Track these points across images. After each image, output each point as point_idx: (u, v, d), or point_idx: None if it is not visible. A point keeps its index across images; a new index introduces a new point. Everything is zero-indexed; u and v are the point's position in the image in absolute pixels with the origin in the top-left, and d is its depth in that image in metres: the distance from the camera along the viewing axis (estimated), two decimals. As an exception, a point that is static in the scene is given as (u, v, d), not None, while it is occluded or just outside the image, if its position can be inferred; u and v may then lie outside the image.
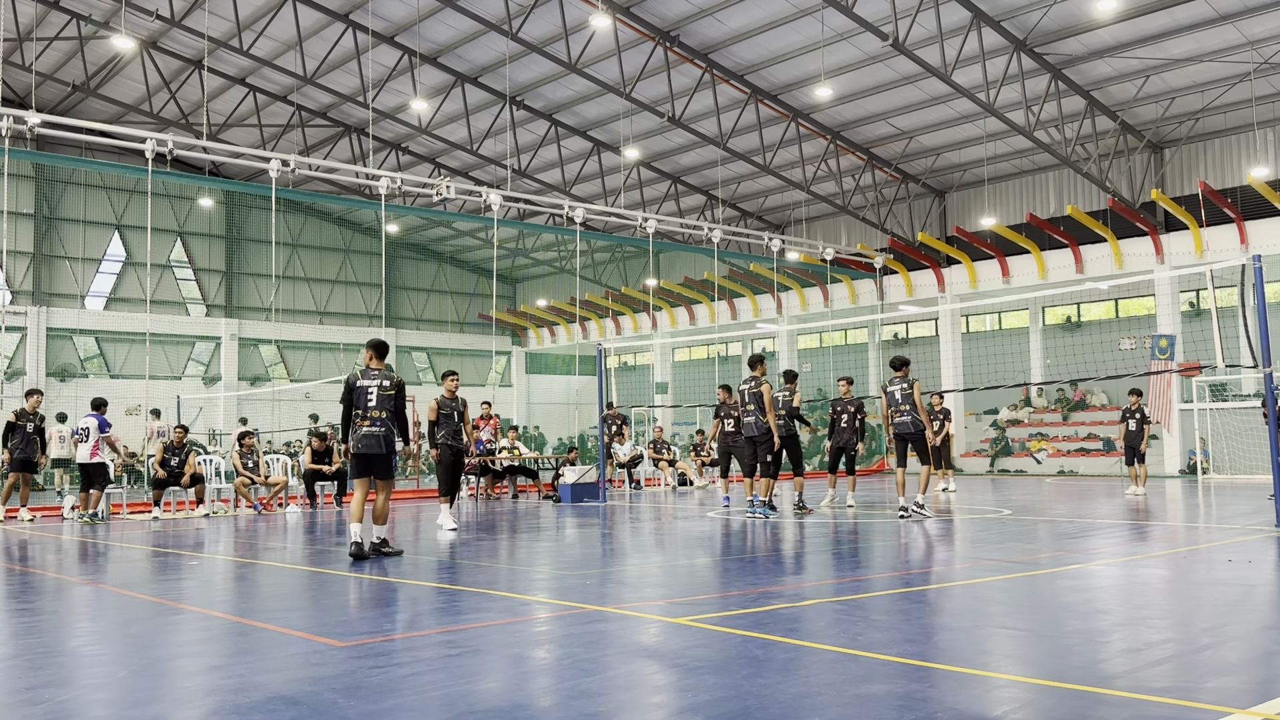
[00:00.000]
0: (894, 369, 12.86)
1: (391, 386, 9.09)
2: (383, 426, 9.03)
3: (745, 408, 12.87)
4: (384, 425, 9.03)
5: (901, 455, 12.83)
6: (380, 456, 9.08)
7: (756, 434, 12.74)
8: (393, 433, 9.09)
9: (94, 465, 14.39)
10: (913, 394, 12.52)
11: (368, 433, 9.02)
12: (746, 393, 12.87)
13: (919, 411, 12.47)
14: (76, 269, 33.61)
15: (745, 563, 8.76)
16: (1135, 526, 11.34)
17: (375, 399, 9.03)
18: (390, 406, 9.05)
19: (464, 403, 12.11)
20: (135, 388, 31.43)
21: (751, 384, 12.83)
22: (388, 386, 9.07)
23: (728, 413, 15.12)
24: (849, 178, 29.18)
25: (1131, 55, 21.89)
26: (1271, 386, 10.76)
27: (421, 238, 39.72)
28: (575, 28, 22.70)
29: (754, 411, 12.72)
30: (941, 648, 4.97)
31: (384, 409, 9.03)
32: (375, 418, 9.02)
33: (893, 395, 12.66)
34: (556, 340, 40.80)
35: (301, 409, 32.33)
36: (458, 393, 12.09)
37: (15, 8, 24.25)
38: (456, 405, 11.91)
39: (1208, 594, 6.57)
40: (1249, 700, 3.86)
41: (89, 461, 14.36)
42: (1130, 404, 16.90)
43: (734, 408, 15.38)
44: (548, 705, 4.01)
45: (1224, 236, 23.95)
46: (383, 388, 9.06)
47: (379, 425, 9.03)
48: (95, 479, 14.45)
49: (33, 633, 5.94)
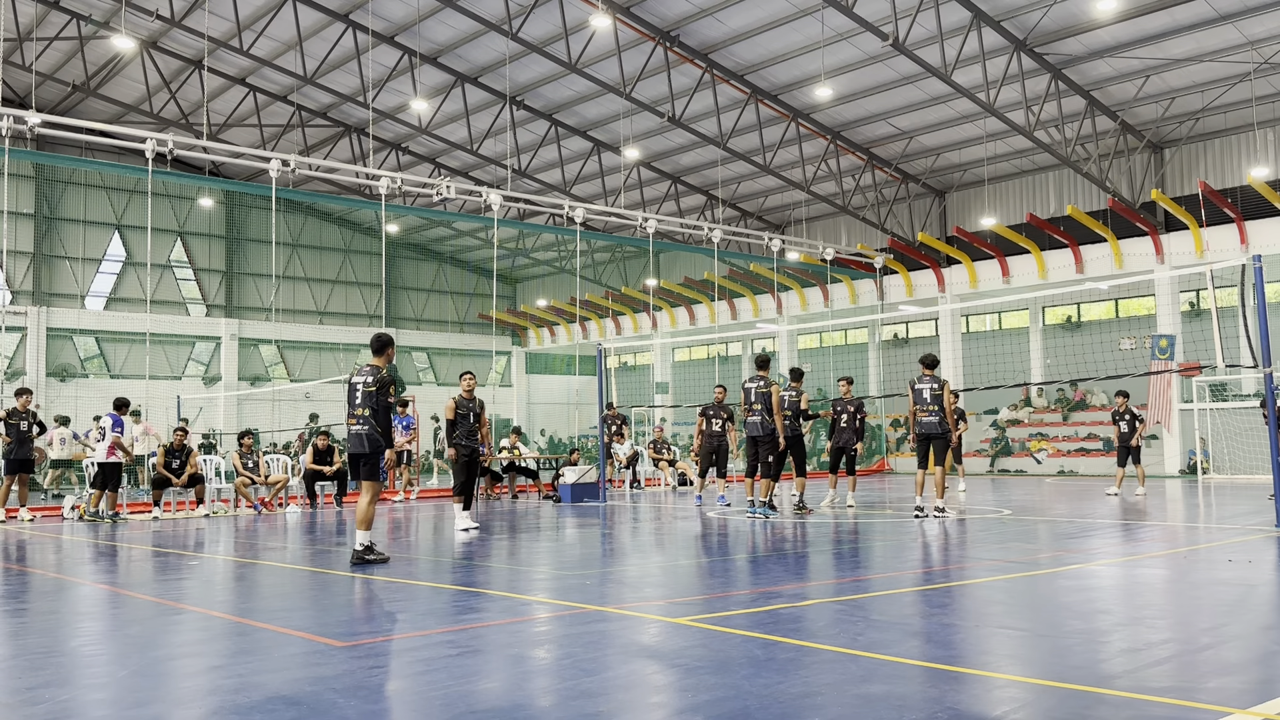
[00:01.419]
0: (925, 367, 12.58)
1: (374, 383, 8.81)
2: (366, 425, 8.77)
3: (752, 406, 12.66)
4: (367, 424, 8.77)
5: (923, 455, 12.57)
6: (364, 455, 8.80)
7: (761, 434, 12.62)
8: (377, 432, 8.78)
9: (109, 465, 14.40)
10: (942, 394, 12.30)
11: (353, 431, 8.86)
12: (754, 391, 12.69)
13: (946, 413, 12.28)
14: (76, 269, 33.61)
15: (745, 563, 8.75)
16: (1135, 527, 11.34)
17: (360, 396, 8.82)
18: (373, 404, 8.78)
19: (481, 404, 12.01)
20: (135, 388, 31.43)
21: (760, 384, 12.69)
22: (370, 384, 8.80)
23: (715, 413, 15.27)
24: (849, 178, 29.18)
25: (1131, 55, 21.89)
26: (1271, 386, 10.75)
27: (421, 238, 39.73)
28: (575, 28, 22.70)
29: (760, 411, 12.58)
30: (941, 648, 4.97)
31: (367, 407, 8.78)
32: (360, 415, 8.79)
33: (920, 393, 12.40)
34: (556, 340, 40.80)
35: (301, 409, 32.36)
36: (475, 393, 12.03)
37: (15, 8, 24.25)
38: (473, 405, 11.83)
39: (1208, 594, 6.57)
40: (1249, 700, 3.86)
41: (105, 461, 14.37)
42: (1118, 405, 16.79)
43: (722, 408, 15.45)
44: (548, 705, 4.01)
45: (1224, 236, 23.95)
46: (366, 384, 8.81)
47: (363, 424, 8.78)
48: (109, 478, 14.45)
49: (33, 633, 5.94)
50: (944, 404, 12.29)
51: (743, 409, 12.99)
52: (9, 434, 14.54)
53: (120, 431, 14.50)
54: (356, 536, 8.71)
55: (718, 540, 10.59)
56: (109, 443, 14.34)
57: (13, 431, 14.56)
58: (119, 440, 14.46)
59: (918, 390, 12.46)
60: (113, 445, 14.32)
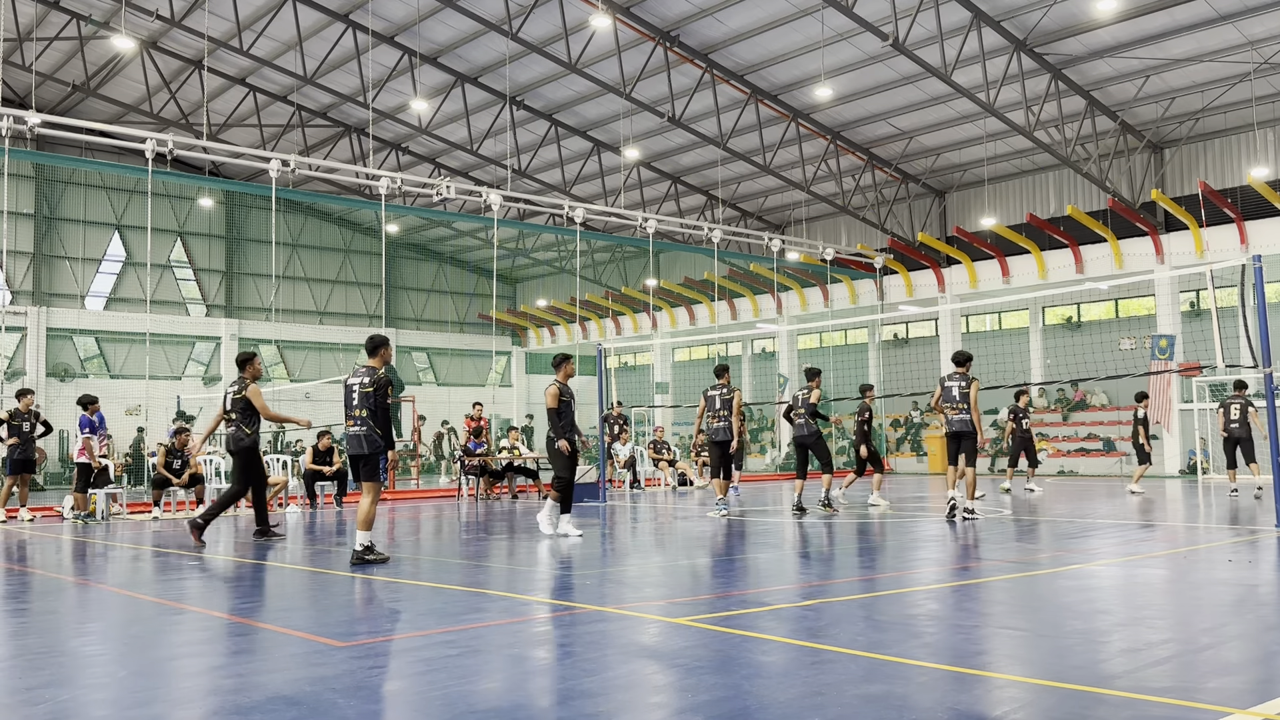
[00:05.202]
0: (956, 364, 12.54)
1: (371, 384, 8.79)
2: (363, 426, 8.77)
3: (718, 412, 13.28)
4: (364, 425, 8.77)
5: (953, 453, 12.47)
6: (362, 457, 8.80)
7: (727, 438, 13.28)
8: (375, 433, 8.78)
9: (80, 465, 14.47)
10: (970, 391, 12.20)
11: (350, 433, 8.87)
12: (718, 399, 13.31)
13: (974, 412, 12.20)
14: (76, 269, 33.61)
15: (745, 563, 8.75)
16: (1135, 526, 11.34)
17: (357, 397, 8.82)
18: (370, 405, 8.77)
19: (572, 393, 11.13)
20: (135, 388, 31.45)
21: (724, 390, 13.32)
22: (367, 384, 8.80)
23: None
24: (849, 178, 29.18)
25: (1131, 55, 21.90)
26: (1271, 386, 10.75)
27: (421, 238, 39.73)
28: (575, 28, 22.70)
29: (726, 417, 13.24)
30: (942, 648, 4.97)
31: (364, 407, 8.77)
32: (357, 416, 8.80)
33: (949, 391, 12.35)
34: (556, 340, 40.78)
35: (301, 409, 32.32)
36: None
37: (15, 8, 24.24)
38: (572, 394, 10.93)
39: (1208, 594, 6.57)
40: (1249, 700, 3.86)
41: (78, 461, 14.44)
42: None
43: None
44: (548, 705, 4.01)
45: (1224, 236, 23.95)
46: (363, 385, 8.81)
47: (359, 425, 8.78)
48: (79, 479, 14.48)
49: (33, 633, 5.94)
50: (971, 401, 12.19)
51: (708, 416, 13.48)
52: (12, 434, 14.54)
53: (89, 432, 14.51)
54: (357, 537, 8.70)
55: (718, 540, 10.58)
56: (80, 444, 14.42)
57: (16, 432, 14.55)
58: (88, 442, 14.46)
59: (947, 388, 12.39)
60: (83, 446, 14.38)
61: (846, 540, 10.41)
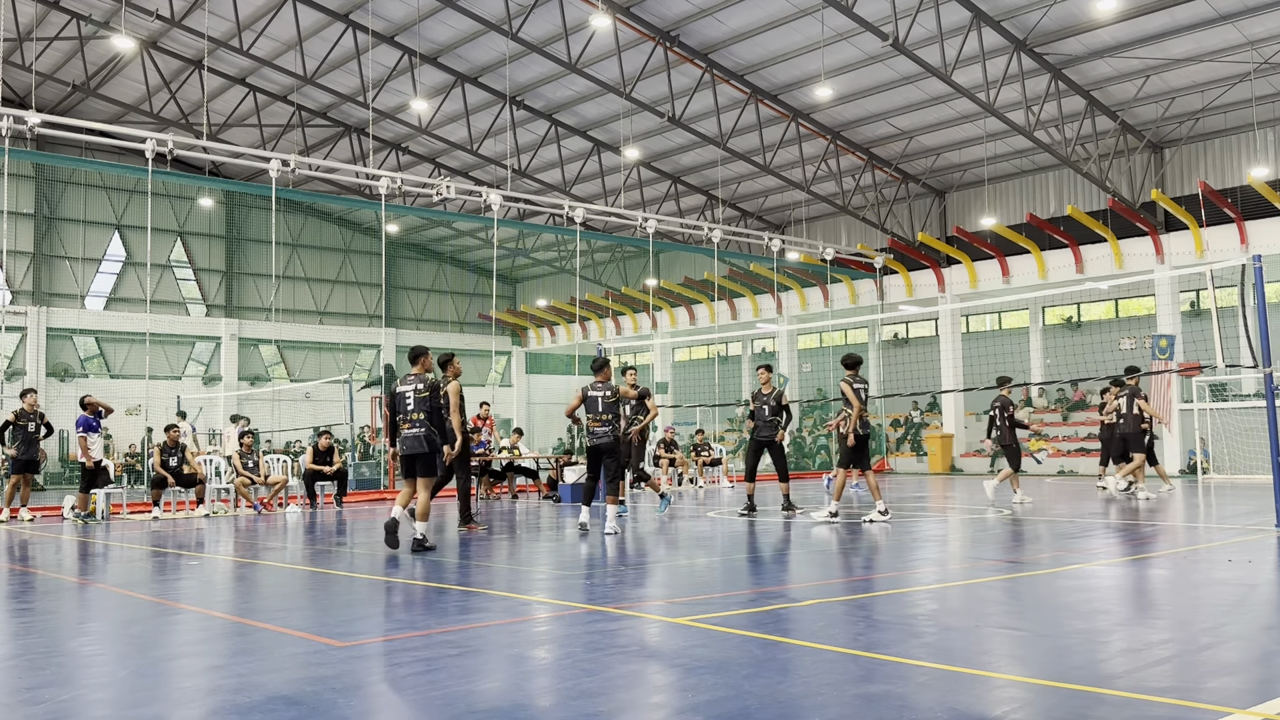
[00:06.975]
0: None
1: (425, 389, 9.67)
2: (422, 427, 9.63)
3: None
4: (423, 426, 9.63)
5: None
6: (422, 455, 9.64)
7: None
8: (433, 432, 9.66)
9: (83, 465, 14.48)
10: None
11: (408, 434, 9.65)
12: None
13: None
14: (76, 269, 33.62)
15: (745, 563, 8.75)
16: (1135, 527, 11.34)
17: (412, 403, 9.64)
18: (426, 408, 9.63)
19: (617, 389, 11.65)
20: (135, 388, 31.44)
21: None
22: (422, 389, 9.66)
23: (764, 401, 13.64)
24: (849, 178, 29.18)
25: (1131, 55, 21.90)
26: (1271, 386, 10.75)
27: (421, 238, 39.73)
28: (575, 28, 22.69)
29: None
30: (941, 648, 4.96)
31: (420, 410, 9.62)
32: (415, 419, 9.63)
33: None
34: (556, 340, 40.80)
35: (301, 409, 32.36)
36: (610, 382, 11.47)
37: (15, 8, 24.25)
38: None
39: (1208, 594, 6.57)
40: (1249, 700, 3.86)
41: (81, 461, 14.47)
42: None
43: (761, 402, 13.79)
44: (548, 705, 4.01)
45: (1224, 236, 23.95)
46: (418, 391, 9.66)
47: (418, 426, 9.63)
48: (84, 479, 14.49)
49: (33, 633, 5.94)
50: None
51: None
52: (16, 435, 14.55)
53: (85, 431, 14.54)
54: (416, 527, 9.49)
55: (718, 540, 10.58)
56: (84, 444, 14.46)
57: (20, 432, 14.56)
58: (84, 441, 14.48)
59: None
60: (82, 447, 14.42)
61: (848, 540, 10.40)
